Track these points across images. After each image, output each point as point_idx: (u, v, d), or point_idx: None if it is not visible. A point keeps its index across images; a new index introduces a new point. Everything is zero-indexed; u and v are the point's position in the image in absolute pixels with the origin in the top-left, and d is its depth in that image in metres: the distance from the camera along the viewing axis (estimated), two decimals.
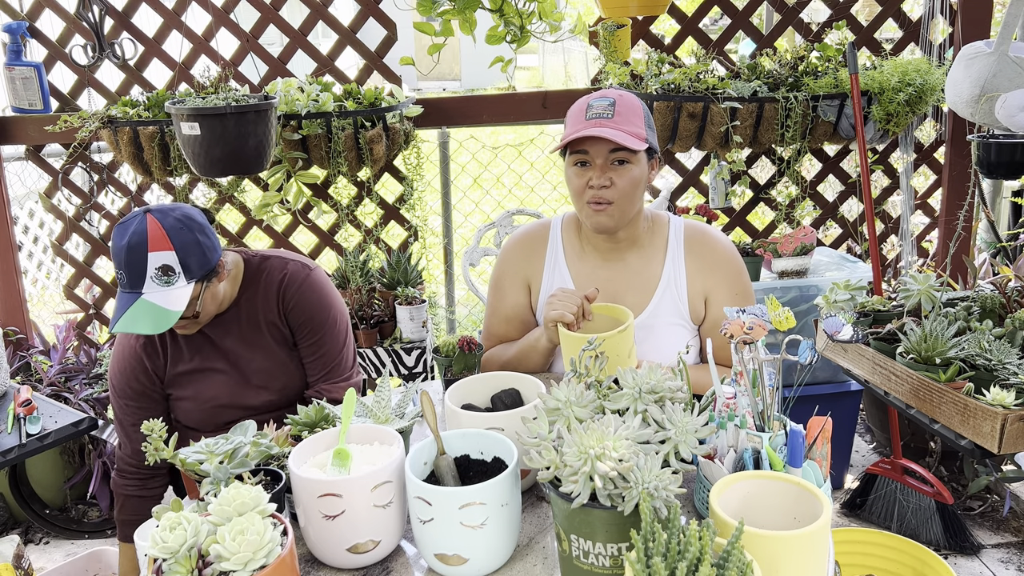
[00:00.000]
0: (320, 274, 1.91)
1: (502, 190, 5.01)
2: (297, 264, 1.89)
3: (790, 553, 0.96)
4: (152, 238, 1.60)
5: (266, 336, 1.85)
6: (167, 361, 1.83)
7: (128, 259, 1.60)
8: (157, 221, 1.62)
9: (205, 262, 1.67)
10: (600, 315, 1.64)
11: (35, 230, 4.67)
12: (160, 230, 1.61)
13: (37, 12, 2.93)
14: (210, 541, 1.00)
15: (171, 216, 1.64)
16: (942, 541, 2.40)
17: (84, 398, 2.78)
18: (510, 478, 1.14)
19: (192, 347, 1.83)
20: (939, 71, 2.71)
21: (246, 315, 1.84)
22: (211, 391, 1.83)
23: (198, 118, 2.36)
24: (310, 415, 1.45)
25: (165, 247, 1.61)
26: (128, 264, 1.60)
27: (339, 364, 1.91)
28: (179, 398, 1.85)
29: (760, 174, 3.19)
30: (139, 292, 1.61)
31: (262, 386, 1.85)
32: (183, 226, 1.64)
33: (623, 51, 2.87)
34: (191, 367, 1.83)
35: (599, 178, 1.73)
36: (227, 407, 1.84)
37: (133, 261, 1.59)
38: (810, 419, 1.24)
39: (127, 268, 1.60)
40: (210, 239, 1.70)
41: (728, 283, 1.86)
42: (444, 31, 2.46)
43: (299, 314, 1.85)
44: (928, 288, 1.72)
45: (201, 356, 1.83)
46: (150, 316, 1.59)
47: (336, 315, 1.91)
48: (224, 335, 1.83)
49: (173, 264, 1.61)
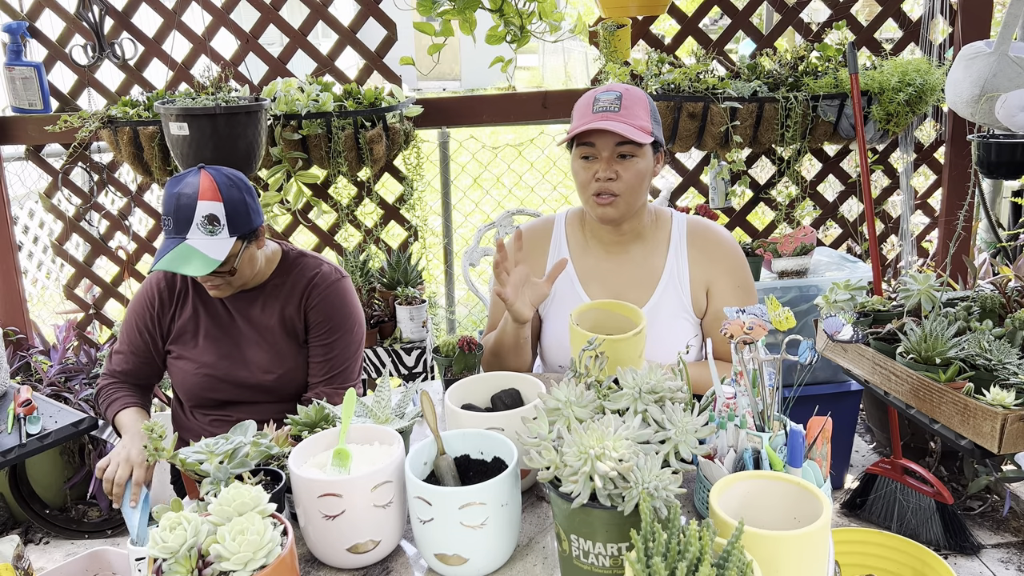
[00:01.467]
0: (350, 284, 2.00)
1: (502, 190, 5.01)
2: (331, 267, 1.98)
3: (790, 553, 0.96)
4: (203, 188, 1.71)
5: (278, 324, 1.91)
6: (177, 312, 1.92)
7: (178, 204, 1.70)
8: (210, 176, 1.73)
9: (248, 222, 1.77)
10: (614, 314, 1.63)
11: (35, 230, 4.67)
12: (212, 183, 1.72)
13: (37, 12, 2.93)
14: (210, 541, 1.00)
15: (223, 173, 1.76)
16: (942, 541, 2.40)
17: (84, 398, 2.78)
18: (510, 478, 1.14)
19: (208, 309, 1.91)
20: (939, 71, 2.71)
21: (268, 299, 1.92)
22: (208, 357, 1.89)
23: (187, 118, 2.36)
24: (310, 415, 1.45)
25: (215, 198, 1.71)
26: (177, 209, 1.70)
27: (345, 371, 1.94)
28: (178, 356, 1.93)
29: (760, 174, 3.19)
30: (183, 237, 1.70)
31: (259, 369, 1.90)
32: (233, 184, 1.76)
33: (623, 51, 2.87)
34: (198, 326, 1.91)
35: (605, 171, 1.75)
36: (220, 380, 1.90)
37: (183, 206, 1.70)
38: (810, 419, 1.24)
39: (175, 213, 1.70)
40: (255, 203, 1.81)
41: (730, 275, 1.87)
42: (444, 31, 2.47)
43: (319, 313, 1.92)
44: (928, 288, 1.72)
45: (212, 320, 1.91)
46: (191, 259, 1.69)
47: (354, 324, 1.96)
48: (241, 309, 1.91)
49: (219, 215, 1.72)
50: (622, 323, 1.56)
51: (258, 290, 1.92)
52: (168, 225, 1.72)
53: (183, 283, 1.94)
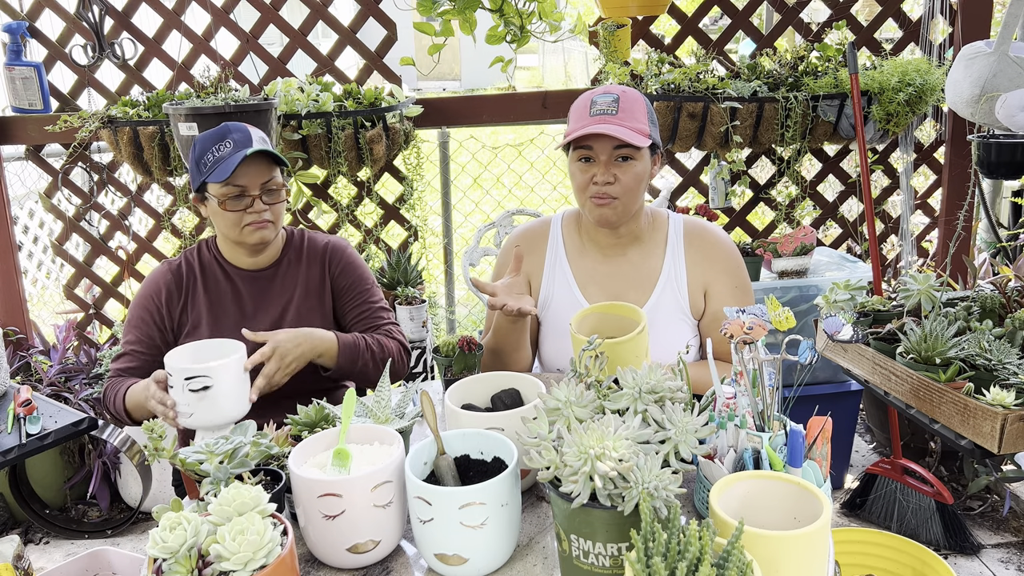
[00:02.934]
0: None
1: (502, 190, 5.01)
2: (336, 237, 2.08)
3: (790, 553, 0.96)
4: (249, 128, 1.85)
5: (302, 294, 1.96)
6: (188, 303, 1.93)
7: (234, 128, 1.81)
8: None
9: (283, 163, 1.87)
10: (613, 316, 1.63)
11: (35, 230, 4.66)
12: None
13: (37, 12, 2.93)
14: (210, 541, 1.00)
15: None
16: (942, 541, 2.40)
17: (84, 398, 2.78)
18: (510, 478, 1.14)
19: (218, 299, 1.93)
20: (939, 71, 2.71)
21: (287, 274, 1.97)
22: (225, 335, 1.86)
23: (196, 118, 2.36)
24: (310, 415, 1.45)
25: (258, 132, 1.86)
26: (235, 130, 1.81)
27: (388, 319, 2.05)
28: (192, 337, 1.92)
29: (760, 174, 3.19)
30: (249, 146, 1.79)
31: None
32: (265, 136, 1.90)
33: (623, 51, 2.87)
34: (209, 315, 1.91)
35: (603, 175, 1.74)
36: None
37: (239, 129, 1.81)
38: (810, 419, 1.24)
39: (235, 132, 1.80)
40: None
41: (727, 276, 1.87)
42: (444, 31, 2.46)
43: (347, 276, 2.01)
44: (928, 288, 1.72)
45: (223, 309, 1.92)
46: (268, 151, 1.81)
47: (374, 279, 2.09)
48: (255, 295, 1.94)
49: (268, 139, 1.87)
50: (622, 324, 1.56)
51: (274, 267, 1.97)
52: (226, 147, 1.78)
53: (190, 275, 1.94)
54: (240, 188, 1.81)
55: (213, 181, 1.79)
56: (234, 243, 1.90)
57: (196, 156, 1.82)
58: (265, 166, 1.83)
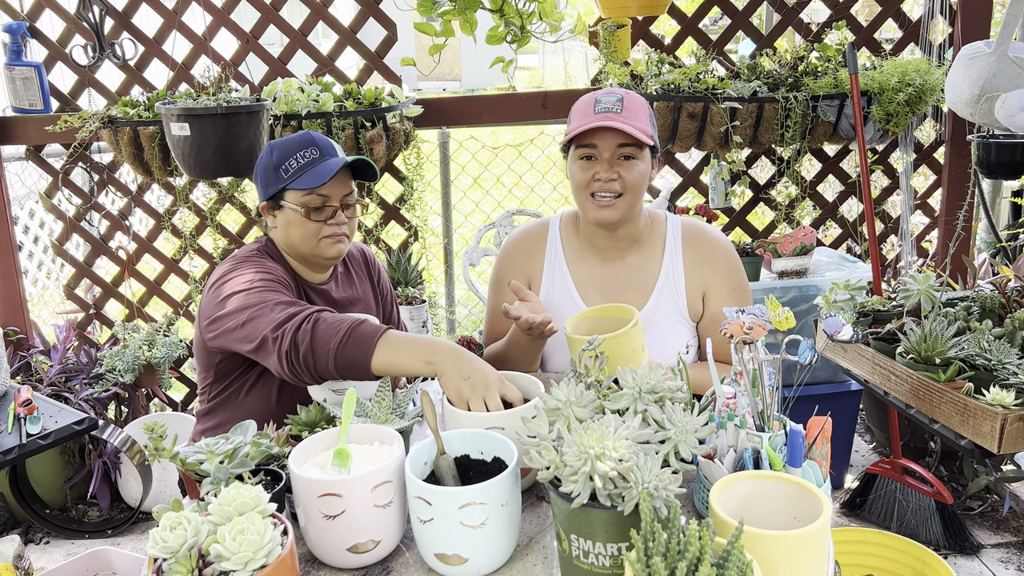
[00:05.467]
0: None
1: (502, 190, 5.01)
2: (360, 243, 2.10)
3: (790, 553, 0.96)
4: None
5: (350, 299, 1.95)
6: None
7: (317, 136, 1.77)
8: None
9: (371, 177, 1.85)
10: (607, 319, 1.63)
11: (35, 230, 4.67)
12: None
13: (37, 12, 2.93)
14: (210, 541, 1.00)
15: None
16: (942, 541, 2.40)
17: (84, 398, 2.78)
18: (510, 478, 1.14)
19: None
20: (939, 71, 2.70)
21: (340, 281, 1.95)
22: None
23: (188, 118, 2.36)
24: (310, 415, 1.45)
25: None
26: (318, 138, 1.77)
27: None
28: None
29: (760, 174, 3.19)
30: (334, 155, 1.76)
31: None
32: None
33: (623, 51, 2.87)
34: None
35: (607, 171, 1.74)
36: None
37: (321, 137, 1.77)
38: (810, 419, 1.24)
39: (320, 142, 1.76)
40: None
41: (725, 278, 1.86)
42: (444, 31, 2.46)
43: (384, 282, 2.08)
44: (928, 288, 1.72)
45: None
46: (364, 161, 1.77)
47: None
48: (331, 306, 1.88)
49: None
50: (617, 326, 1.57)
51: (332, 279, 1.92)
52: (312, 154, 1.73)
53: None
54: (324, 198, 1.74)
55: (297, 188, 1.71)
56: (305, 255, 1.79)
57: (275, 162, 1.73)
58: (347, 179, 1.78)
